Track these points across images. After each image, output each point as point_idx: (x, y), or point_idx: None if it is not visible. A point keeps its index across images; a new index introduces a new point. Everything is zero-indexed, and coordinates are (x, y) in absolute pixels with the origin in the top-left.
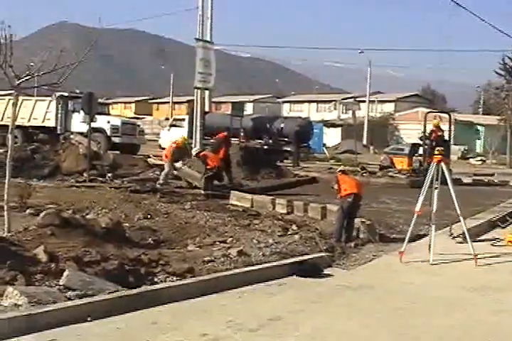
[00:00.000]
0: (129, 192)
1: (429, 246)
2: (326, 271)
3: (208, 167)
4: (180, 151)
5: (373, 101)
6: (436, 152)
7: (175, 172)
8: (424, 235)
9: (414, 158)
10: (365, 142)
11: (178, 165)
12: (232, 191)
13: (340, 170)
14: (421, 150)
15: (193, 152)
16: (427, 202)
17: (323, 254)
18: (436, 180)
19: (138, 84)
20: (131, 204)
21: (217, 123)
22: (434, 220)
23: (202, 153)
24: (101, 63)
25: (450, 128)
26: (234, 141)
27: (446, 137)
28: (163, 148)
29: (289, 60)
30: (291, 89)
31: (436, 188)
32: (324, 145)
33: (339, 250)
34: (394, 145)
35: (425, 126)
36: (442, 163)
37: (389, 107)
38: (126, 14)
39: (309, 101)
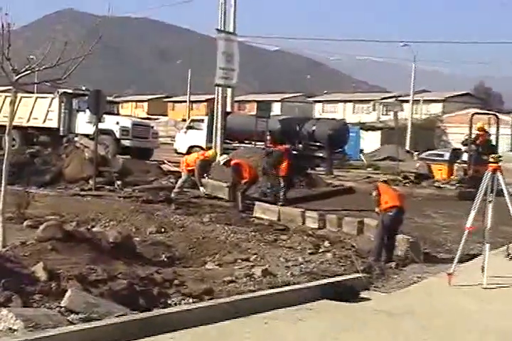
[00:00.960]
0: (140, 203)
1: (482, 267)
2: (362, 295)
3: (243, 180)
4: (206, 165)
5: (418, 101)
6: (491, 159)
7: (201, 189)
8: (477, 255)
9: (455, 165)
10: (408, 147)
11: (202, 189)
12: (256, 202)
13: (383, 180)
14: (465, 157)
15: (221, 160)
16: (479, 216)
17: (359, 275)
18: (491, 191)
19: (151, 82)
20: (142, 216)
21: (241, 125)
22: (488, 238)
23: (233, 162)
24: (110, 57)
25: (498, 131)
26: (259, 145)
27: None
28: (180, 153)
29: (323, 54)
30: (324, 87)
31: (490, 201)
32: (361, 150)
33: (378, 271)
34: (432, 151)
35: (471, 129)
36: (498, 172)
37: (436, 108)
38: (139, 2)
39: (345, 101)
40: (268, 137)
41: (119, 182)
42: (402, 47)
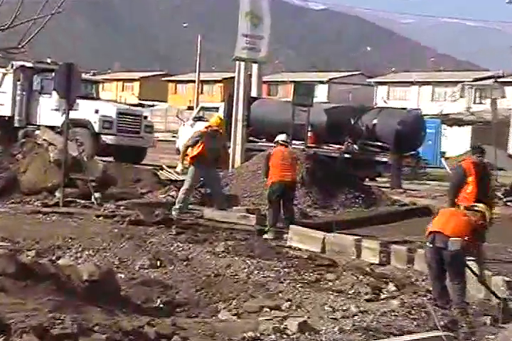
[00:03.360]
0: (127, 224)
1: None
2: None
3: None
4: (209, 139)
5: None
6: None
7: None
8: None
9: None
10: (511, 151)
11: (179, 167)
12: (291, 226)
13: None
14: None
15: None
16: None
17: (439, 334)
18: None
19: (149, 54)
20: (130, 244)
21: (271, 115)
22: None
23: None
24: (101, 23)
25: None
26: (297, 145)
27: None
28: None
29: (388, 15)
30: (390, 63)
31: None
32: (443, 154)
33: (466, 328)
34: None
35: None
36: None
37: None
38: None
39: (420, 83)
40: (309, 134)
41: (97, 195)
42: (508, 4)
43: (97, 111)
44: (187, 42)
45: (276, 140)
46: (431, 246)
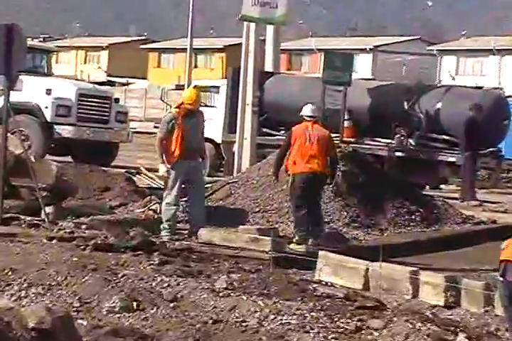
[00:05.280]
0: (91, 250)
1: None
2: None
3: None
4: (193, 127)
5: None
6: None
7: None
8: None
9: None
10: None
11: (161, 169)
12: (321, 252)
13: None
14: None
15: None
16: None
17: None
18: None
19: (123, 13)
20: (95, 278)
21: (292, 98)
22: None
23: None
24: None
25: None
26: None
27: None
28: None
29: None
30: (460, 25)
31: None
32: None
33: None
34: None
35: None
36: None
37: None
38: None
39: (502, 53)
40: (346, 123)
41: (49, 210)
42: None
43: (48, 92)
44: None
45: (301, 113)
46: (501, 279)
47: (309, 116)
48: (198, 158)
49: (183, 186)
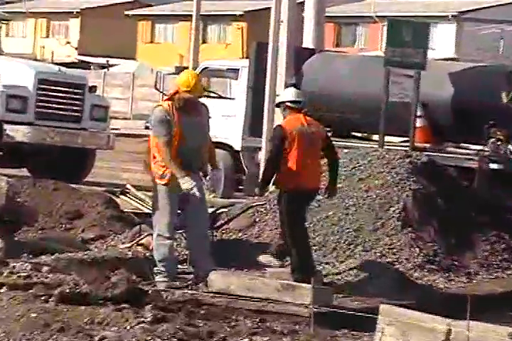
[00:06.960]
0: (56, 302)
1: None
2: None
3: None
4: (193, 124)
5: None
6: None
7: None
8: None
9: None
10: None
11: (185, 184)
12: (382, 306)
13: None
14: None
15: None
16: None
17: None
18: None
19: None
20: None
21: (342, 85)
22: None
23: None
24: None
25: None
26: (396, 145)
27: None
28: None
29: None
30: None
31: None
32: None
33: None
34: None
35: None
36: None
37: None
38: None
39: None
40: (419, 122)
41: None
42: None
43: None
44: None
45: (280, 100)
46: None
47: (293, 102)
48: (198, 172)
49: (178, 211)
